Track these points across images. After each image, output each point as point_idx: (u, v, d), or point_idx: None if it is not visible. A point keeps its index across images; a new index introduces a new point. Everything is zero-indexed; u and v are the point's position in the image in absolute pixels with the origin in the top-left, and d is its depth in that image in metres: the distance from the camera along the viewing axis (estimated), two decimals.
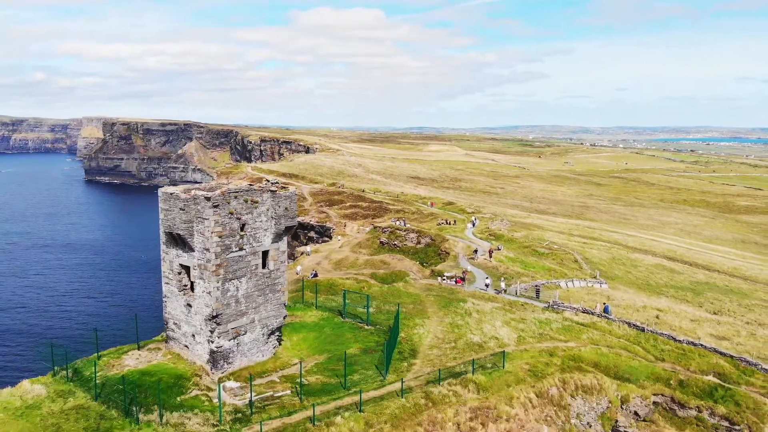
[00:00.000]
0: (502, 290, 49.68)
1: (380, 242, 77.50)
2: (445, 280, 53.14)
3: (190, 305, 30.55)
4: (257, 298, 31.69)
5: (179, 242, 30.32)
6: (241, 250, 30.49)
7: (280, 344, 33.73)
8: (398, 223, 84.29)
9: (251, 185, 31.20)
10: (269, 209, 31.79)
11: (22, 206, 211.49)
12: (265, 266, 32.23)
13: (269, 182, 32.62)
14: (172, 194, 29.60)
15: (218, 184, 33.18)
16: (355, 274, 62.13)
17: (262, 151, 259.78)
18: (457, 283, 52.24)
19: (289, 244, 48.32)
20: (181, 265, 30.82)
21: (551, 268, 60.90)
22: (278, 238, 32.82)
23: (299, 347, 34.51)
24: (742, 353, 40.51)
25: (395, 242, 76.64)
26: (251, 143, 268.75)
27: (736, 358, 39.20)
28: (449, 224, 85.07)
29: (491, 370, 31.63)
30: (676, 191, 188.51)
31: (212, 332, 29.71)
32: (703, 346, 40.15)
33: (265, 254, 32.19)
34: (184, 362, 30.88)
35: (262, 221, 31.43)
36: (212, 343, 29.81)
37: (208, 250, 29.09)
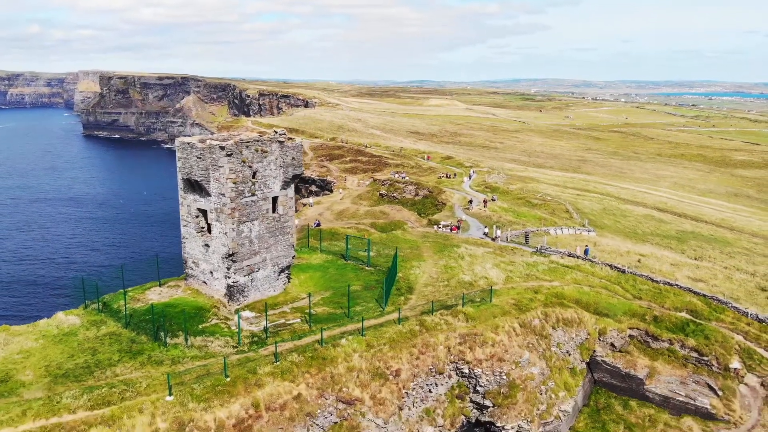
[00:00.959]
0: (496, 237, 52.78)
1: (380, 194, 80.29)
2: (440, 228, 56.23)
3: (207, 245, 33.61)
4: (268, 239, 34.74)
5: (196, 188, 33.07)
6: (253, 195, 33.28)
7: (289, 281, 37.09)
8: (397, 176, 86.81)
9: (261, 136, 33.65)
10: (278, 158, 34.37)
11: (22, 162, 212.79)
12: (275, 211, 35.14)
13: (277, 133, 35.04)
14: (189, 144, 32.14)
15: (230, 135, 35.58)
16: (356, 223, 65.26)
17: (260, 105, 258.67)
18: (452, 230, 55.34)
19: None
20: (198, 209, 33.70)
21: (542, 217, 63.89)
22: (286, 185, 35.55)
23: (306, 285, 37.84)
24: (716, 294, 43.51)
25: (394, 194, 79.45)
26: (249, 97, 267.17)
27: (708, 297, 42.32)
28: (449, 178, 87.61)
29: (479, 303, 35.04)
30: (674, 146, 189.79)
31: (229, 269, 32.91)
32: (678, 286, 43.36)
33: (274, 200, 35.04)
34: (203, 296, 34.25)
35: (271, 169, 34.07)
36: (229, 278, 33.06)
37: (223, 194, 31.87)
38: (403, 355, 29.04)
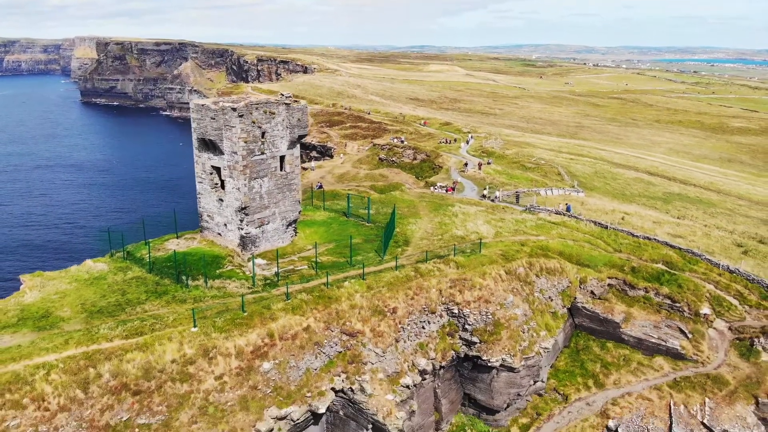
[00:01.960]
0: (495, 197, 55.84)
1: (379, 158, 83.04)
2: (437, 189, 59.30)
3: (221, 200, 36.76)
4: (277, 194, 37.87)
5: (210, 147, 35.98)
6: (262, 154, 36.23)
7: (296, 234, 40.42)
8: (396, 140, 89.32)
9: (269, 99, 36.35)
10: (284, 120, 37.16)
11: (21, 129, 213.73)
12: (282, 169, 38.16)
13: (283, 96, 37.72)
14: (203, 105, 34.93)
15: (239, 97, 38.25)
16: (356, 185, 68.31)
17: (259, 71, 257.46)
18: (447, 191, 58.43)
19: None
20: (212, 166, 36.71)
21: (534, 179, 66.86)
22: (292, 145, 38.45)
23: (311, 238, 41.18)
24: (692, 248, 46.70)
25: (393, 158, 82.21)
26: (247, 63, 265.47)
27: (684, 250, 45.39)
28: (448, 143, 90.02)
29: (470, 254, 38.42)
30: (672, 112, 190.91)
31: (242, 221, 36.17)
32: (656, 240, 46.51)
33: (282, 158, 38.00)
34: (218, 246, 37.61)
35: (278, 130, 36.91)
36: (242, 230, 36.35)
37: (235, 153, 34.83)
38: (399, 295, 32.55)
